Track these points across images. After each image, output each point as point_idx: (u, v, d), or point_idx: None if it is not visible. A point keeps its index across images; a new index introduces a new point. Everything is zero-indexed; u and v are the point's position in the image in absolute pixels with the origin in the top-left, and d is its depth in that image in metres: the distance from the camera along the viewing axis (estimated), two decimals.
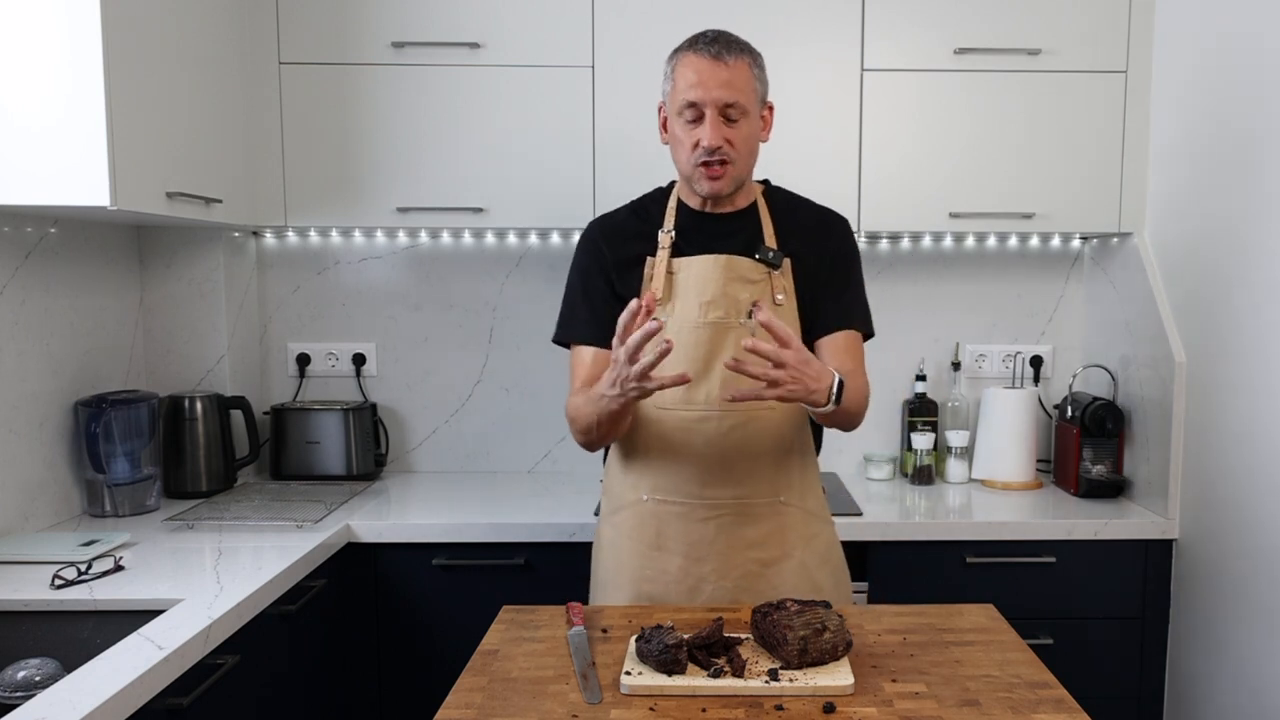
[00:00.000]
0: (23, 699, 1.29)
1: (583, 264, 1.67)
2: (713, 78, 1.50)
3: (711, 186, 1.55)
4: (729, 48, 1.52)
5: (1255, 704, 1.92)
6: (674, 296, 1.58)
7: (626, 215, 1.69)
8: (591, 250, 1.66)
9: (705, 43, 1.53)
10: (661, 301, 1.57)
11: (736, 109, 1.51)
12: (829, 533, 1.68)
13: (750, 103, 1.53)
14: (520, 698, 1.21)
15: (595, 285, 1.64)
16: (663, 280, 1.58)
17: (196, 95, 2.06)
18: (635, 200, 1.71)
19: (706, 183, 1.55)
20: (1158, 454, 2.22)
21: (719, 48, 1.51)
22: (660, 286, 1.58)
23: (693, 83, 1.51)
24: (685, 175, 1.59)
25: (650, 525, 1.60)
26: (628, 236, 1.64)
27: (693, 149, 1.53)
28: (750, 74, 1.53)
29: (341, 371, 2.63)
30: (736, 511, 1.58)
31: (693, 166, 1.55)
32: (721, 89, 1.50)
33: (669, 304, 1.58)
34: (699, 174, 1.55)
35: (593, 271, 1.65)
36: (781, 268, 1.59)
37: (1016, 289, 2.63)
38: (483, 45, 2.27)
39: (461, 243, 2.61)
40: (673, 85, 1.56)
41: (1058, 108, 2.29)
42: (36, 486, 2.01)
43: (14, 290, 1.94)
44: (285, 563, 1.77)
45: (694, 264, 1.58)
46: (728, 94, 1.50)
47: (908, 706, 1.17)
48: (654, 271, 1.60)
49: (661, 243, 1.61)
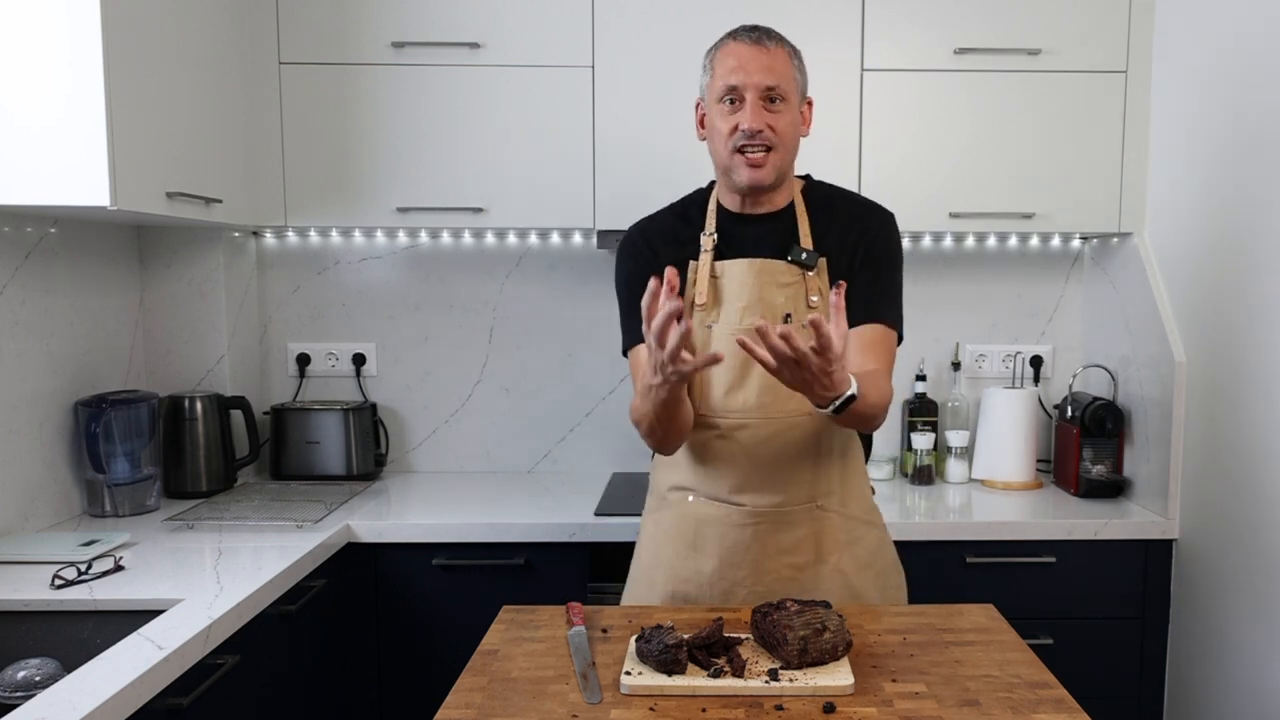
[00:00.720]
0: (23, 699, 1.29)
1: (628, 271, 1.62)
2: (753, 62, 1.49)
3: (751, 175, 1.50)
4: (769, 35, 1.52)
5: (1255, 704, 1.92)
6: (719, 302, 1.55)
7: (668, 218, 1.65)
8: (636, 256, 1.62)
9: (745, 31, 1.52)
10: (707, 306, 1.55)
11: (777, 92, 1.49)
12: (874, 536, 1.63)
13: (791, 90, 1.51)
14: (520, 698, 1.21)
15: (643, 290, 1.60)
16: (706, 284, 1.55)
17: (196, 95, 2.06)
18: (675, 203, 1.68)
19: (746, 170, 1.50)
20: (1158, 454, 2.22)
21: (759, 34, 1.51)
22: (705, 290, 1.55)
23: (733, 67, 1.49)
24: (723, 165, 1.54)
25: (689, 526, 1.59)
26: (670, 240, 1.61)
27: (730, 134, 1.49)
28: (790, 63, 1.52)
29: (341, 371, 2.63)
30: (774, 519, 1.55)
31: (730, 153, 1.50)
32: (762, 73, 1.48)
33: (715, 310, 1.56)
34: (738, 162, 1.50)
35: (639, 277, 1.57)
36: (817, 268, 1.54)
37: (1016, 289, 2.63)
38: (483, 45, 2.27)
39: (461, 243, 2.61)
40: (711, 74, 1.54)
41: (1058, 108, 2.29)
42: (36, 486, 2.01)
43: (14, 290, 1.94)
44: (285, 563, 1.77)
45: (732, 268, 1.55)
46: (768, 77, 1.48)
47: (908, 706, 1.17)
48: (697, 275, 1.57)
49: (704, 245, 1.58)
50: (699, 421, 1.55)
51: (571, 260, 2.61)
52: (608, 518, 2.11)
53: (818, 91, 2.25)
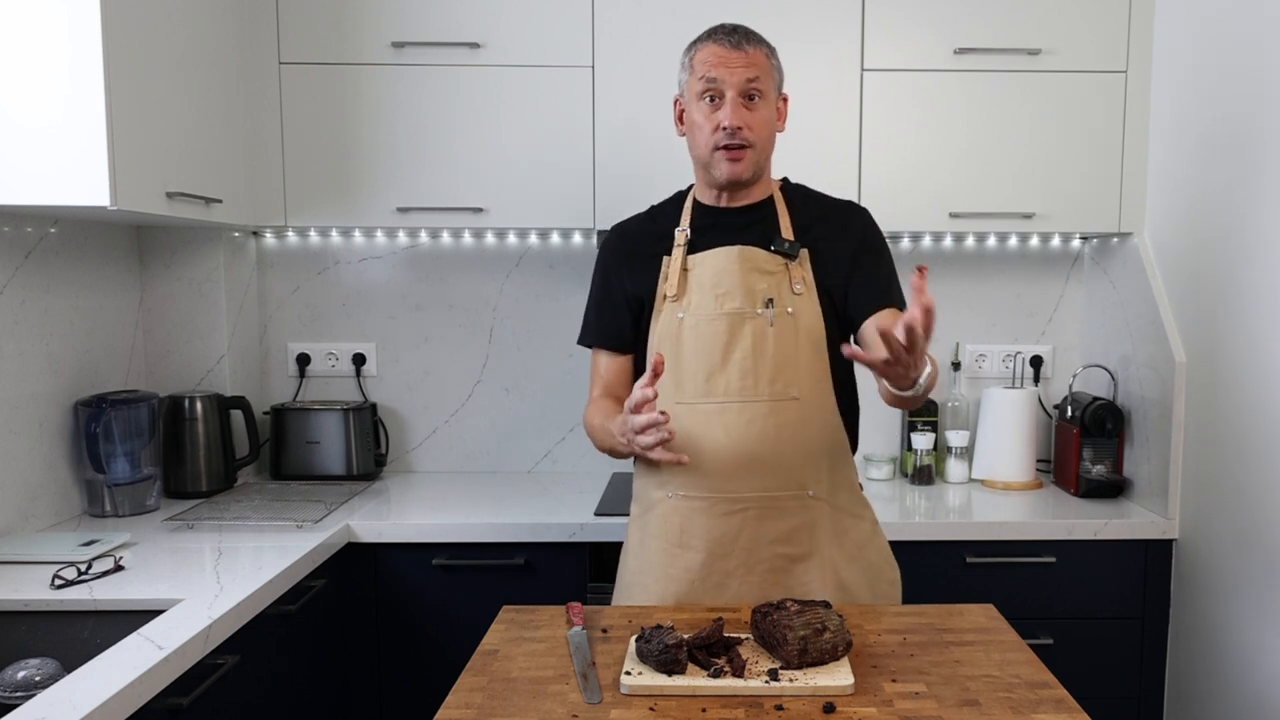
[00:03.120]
0: (23, 699, 1.29)
1: (600, 270, 1.71)
2: (733, 61, 1.54)
3: (731, 170, 1.56)
4: (747, 37, 1.57)
5: (1255, 704, 1.92)
6: (688, 291, 1.60)
7: (643, 220, 1.72)
8: (608, 256, 1.71)
9: (724, 33, 1.57)
10: (677, 296, 1.60)
11: (756, 87, 1.54)
12: (862, 529, 1.65)
13: (769, 87, 1.57)
14: (520, 698, 1.21)
15: (611, 291, 1.68)
16: (678, 277, 1.60)
17: (196, 95, 2.06)
18: (653, 206, 1.74)
19: (726, 165, 1.56)
20: (1158, 454, 2.22)
21: (738, 37, 1.56)
22: (675, 284, 1.60)
23: (713, 64, 1.55)
24: (703, 161, 1.60)
25: (674, 523, 1.60)
26: (643, 239, 1.67)
27: (712, 132, 1.55)
28: (768, 61, 1.58)
29: (341, 371, 2.63)
30: (761, 506, 1.57)
31: (711, 150, 1.56)
32: (741, 71, 1.54)
33: (684, 298, 1.59)
34: (718, 158, 1.56)
35: (609, 277, 1.69)
36: (799, 258, 1.59)
37: (1016, 289, 2.63)
38: (483, 45, 2.27)
39: (461, 243, 2.61)
40: (690, 72, 1.58)
41: (1058, 108, 2.29)
42: (36, 486, 2.01)
43: (14, 290, 1.95)
44: (285, 563, 1.77)
45: (709, 257, 1.60)
46: (748, 72, 1.54)
47: (908, 706, 1.17)
48: (669, 270, 1.62)
49: (677, 240, 1.63)
50: (680, 410, 1.57)
51: (571, 260, 2.61)
52: (608, 518, 2.11)
53: (818, 91, 2.28)
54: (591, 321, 1.73)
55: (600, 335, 1.71)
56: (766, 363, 1.55)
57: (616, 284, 1.68)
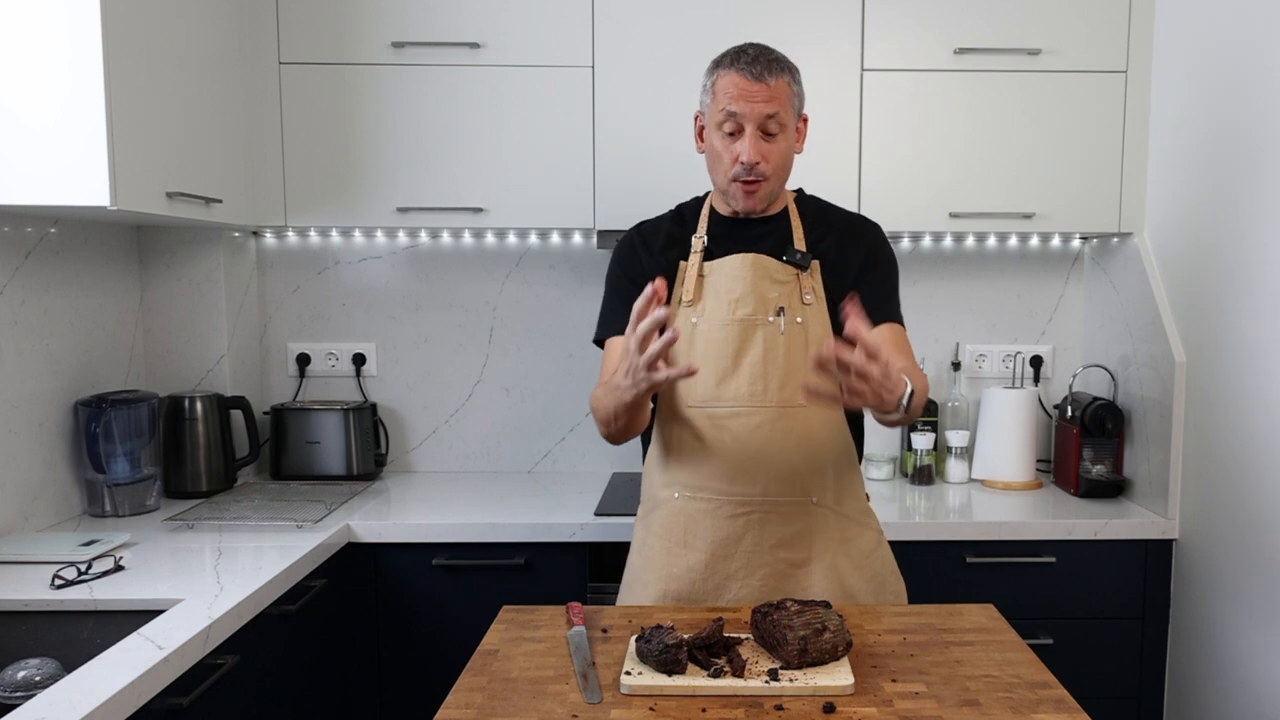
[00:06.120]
0: (23, 699, 1.29)
1: (618, 267, 1.71)
2: (755, 94, 1.54)
3: (747, 203, 1.60)
4: (770, 67, 1.55)
5: (1255, 704, 1.92)
6: (704, 297, 1.61)
7: (666, 221, 1.73)
8: (628, 254, 1.71)
9: (747, 61, 1.55)
10: (692, 302, 1.61)
11: (776, 121, 1.55)
12: (868, 538, 1.66)
13: (789, 118, 1.58)
14: (520, 698, 1.21)
15: (629, 286, 1.66)
16: (694, 283, 1.62)
17: (196, 95, 2.06)
18: (675, 207, 1.75)
19: (742, 198, 1.60)
20: (1158, 454, 2.22)
21: (760, 68, 1.54)
22: (691, 289, 1.62)
23: (734, 96, 1.54)
24: (720, 189, 1.63)
25: (679, 522, 1.61)
26: (664, 241, 1.68)
27: (731, 164, 1.57)
28: (790, 90, 1.58)
29: (341, 371, 2.63)
30: (765, 510, 1.58)
31: (729, 181, 1.59)
32: (763, 104, 1.54)
33: (699, 304, 1.61)
34: (735, 189, 1.59)
35: (627, 273, 1.69)
36: (809, 269, 1.61)
37: (1016, 289, 2.63)
38: (483, 45, 2.27)
39: (461, 243, 2.61)
40: (712, 98, 1.59)
41: (1058, 108, 2.29)
42: (36, 486, 2.01)
43: (14, 290, 1.95)
44: (285, 563, 1.77)
45: (723, 264, 1.61)
46: (768, 107, 1.54)
47: (908, 706, 1.17)
48: (685, 275, 1.64)
49: (694, 247, 1.65)
50: (690, 413, 1.58)
51: (571, 260, 2.61)
52: (608, 518, 2.11)
53: (818, 92, 2.27)
54: (608, 315, 1.71)
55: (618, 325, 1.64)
56: (776, 370, 1.57)
57: (634, 282, 1.65)
